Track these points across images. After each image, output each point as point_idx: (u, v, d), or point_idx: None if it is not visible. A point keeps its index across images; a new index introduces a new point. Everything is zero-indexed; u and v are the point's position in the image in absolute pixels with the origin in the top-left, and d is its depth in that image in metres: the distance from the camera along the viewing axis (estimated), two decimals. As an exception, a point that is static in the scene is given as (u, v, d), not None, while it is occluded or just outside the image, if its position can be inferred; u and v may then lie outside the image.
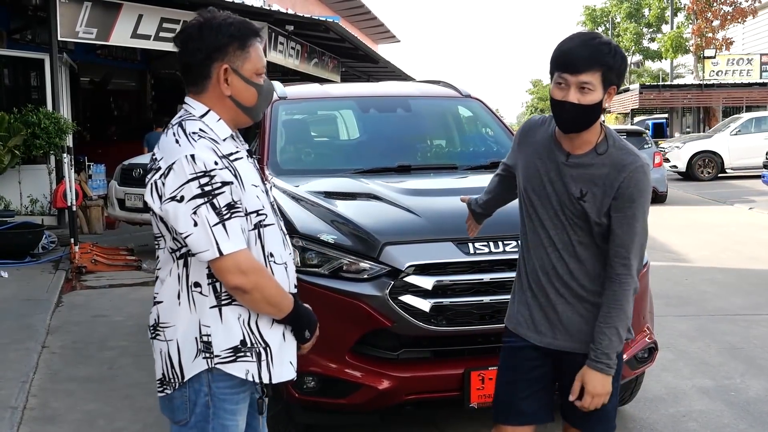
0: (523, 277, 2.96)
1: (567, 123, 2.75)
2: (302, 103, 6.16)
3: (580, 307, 2.85)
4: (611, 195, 2.73)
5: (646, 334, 4.39)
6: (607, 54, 2.66)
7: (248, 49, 2.47)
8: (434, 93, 6.43)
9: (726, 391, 5.41)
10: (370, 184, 4.80)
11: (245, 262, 2.37)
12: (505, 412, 3.01)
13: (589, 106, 2.68)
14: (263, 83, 2.54)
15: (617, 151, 2.78)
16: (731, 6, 33.39)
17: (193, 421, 2.49)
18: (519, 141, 3.03)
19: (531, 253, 2.91)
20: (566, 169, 2.80)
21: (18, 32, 16.15)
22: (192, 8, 14.13)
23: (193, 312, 2.44)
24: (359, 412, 4.10)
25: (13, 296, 8.40)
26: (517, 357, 2.97)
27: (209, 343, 2.43)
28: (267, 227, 2.51)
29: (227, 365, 2.44)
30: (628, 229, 2.74)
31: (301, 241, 4.06)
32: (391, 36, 44.03)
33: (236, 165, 2.44)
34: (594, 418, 2.90)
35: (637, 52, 49.93)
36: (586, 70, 2.65)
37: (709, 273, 9.52)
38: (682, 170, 24.12)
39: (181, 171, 2.32)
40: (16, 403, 5.16)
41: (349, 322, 3.92)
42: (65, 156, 10.60)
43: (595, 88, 2.66)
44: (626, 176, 2.72)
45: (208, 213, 2.31)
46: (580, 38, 2.73)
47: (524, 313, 2.95)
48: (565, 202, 2.80)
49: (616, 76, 2.70)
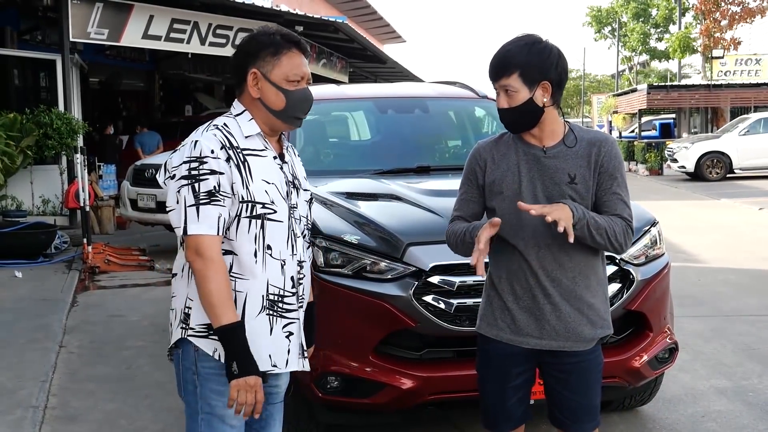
0: (503, 283, 2.99)
1: (510, 125, 2.94)
2: (320, 104, 6.12)
3: (567, 305, 2.91)
4: (597, 170, 2.90)
5: (667, 335, 4.40)
6: (518, 54, 2.82)
7: (280, 56, 2.65)
8: (451, 94, 6.45)
9: (744, 391, 5.41)
10: (391, 184, 4.82)
11: (204, 247, 2.53)
12: (496, 420, 3.09)
13: (520, 106, 2.85)
14: (293, 90, 2.67)
15: (585, 134, 2.97)
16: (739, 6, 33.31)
17: (186, 400, 2.70)
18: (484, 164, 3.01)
19: (512, 259, 2.94)
20: (547, 160, 2.91)
21: (28, 33, 16.20)
22: (203, 9, 14.19)
23: (187, 285, 2.64)
24: (382, 412, 4.12)
25: (28, 296, 8.44)
26: (504, 364, 3.02)
27: (188, 315, 2.63)
28: (273, 222, 2.65)
29: (198, 339, 2.61)
30: (620, 191, 2.92)
31: (325, 241, 4.07)
32: (397, 36, 44.06)
33: (249, 159, 2.62)
34: (581, 414, 3.01)
35: (644, 52, 49.82)
36: (501, 75, 2.85)
37: (723, 273, 9.52)
38: (691, 171, 24.07)
39: (182, 153, 2.60)
40: (37, 403, 5.19)
41: (372, 322, 3.93)
42: (77, 156, 10.64)
43: (517, 89, 2.83)
44: (605, 151, 2.91)
45: (187, 194, 2.53)
46: (502, 47, 2.90)
47: (506, 319, 2.98)
48: (553, 194, 2.87)
49: (539, 72, 2.83)
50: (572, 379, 2.98)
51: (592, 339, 2.97)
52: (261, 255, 2.63)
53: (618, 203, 2.91)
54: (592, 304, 2.95)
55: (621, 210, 2.90)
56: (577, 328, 2.92)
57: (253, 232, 2.62)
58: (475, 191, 3.06)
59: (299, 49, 2.68)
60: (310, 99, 2.74)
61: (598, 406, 3.05)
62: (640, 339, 4.26)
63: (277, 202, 2.66)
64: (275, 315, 2.67)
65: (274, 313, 2.67)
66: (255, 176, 2.62)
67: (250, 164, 2.62)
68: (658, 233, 4.47)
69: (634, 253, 4.22)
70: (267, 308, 2.65)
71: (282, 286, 2.68)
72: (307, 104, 2.73)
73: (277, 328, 2.68)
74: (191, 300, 2.62)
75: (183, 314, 2.64)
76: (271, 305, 2.66)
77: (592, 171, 2.90)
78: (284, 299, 2.69)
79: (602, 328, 2.99)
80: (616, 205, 2.90)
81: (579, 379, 2.98)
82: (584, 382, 3.00)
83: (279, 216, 2.66)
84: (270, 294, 2.66)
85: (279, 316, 2.68)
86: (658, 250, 4.43)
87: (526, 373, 3.04)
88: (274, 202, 2.65)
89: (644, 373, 4.28)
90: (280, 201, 2.67)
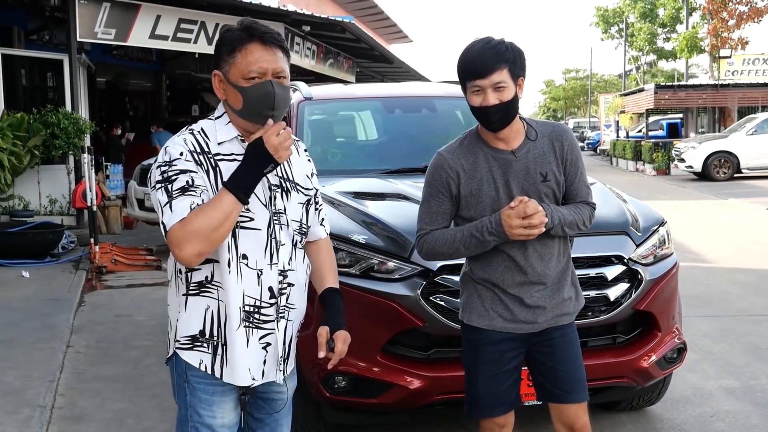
0: (491, 279, 3.10)
1: (496, 123, 3.00)
2: (327, 104, 6.18)
3: (553, 289, 3.11)
4: (563, 164, 3.09)
5: (675, 335, 4.39)
6: (506, 51, 2.95)
7: (235, 54, 2.52)
8: (458, 93, 6.32)
9: (752, 391, 5.39)
10: (399, 184, 4.81)
11: (179, 225, 2.41)
12: (490, 405, 3.18)
13: (509, 101, 2.95)
14: (248, 87, 2.51)
15: (543, 127, 3.14)
16: (747, 5, 33.20)
17: (178, 402, 2.70)
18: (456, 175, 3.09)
19: (498, 257, 3.07)
20: (519, 163, 3.05)
21: (35, 33, 16.23)
22: (210, 9, 14.20)
23: (176, 296, 2.63)
24: (390, 411, 4.12)
25: (35, 296, 8.45)
26: (497, 350, 3.14)
27: (176, 328, 2.63)
28: (248, 230, 2.55)
29: (184, 352, 2.60)
30: (583, 177, 3.16)
31: (332, 241, 4.05)
32: (404, 36, 44.01)
33: (222, 165, 2.53)
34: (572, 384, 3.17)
35: (651, 52, 49.67)
36: (495, 70, 2.93)
37: (730, 273, 9.49)
38: (698, 171, 24.02)
39: (156, 161, 2.56)
40: (44, 403, 5.20)
41: (380, 322, 3.93)
42: (85, 156, 10.65)
43: (507, 84, 2.94)
44: (567, 144, 3.10)
45: (161, 195, 2.48)
46: (479, 45, 2.99)
47: (497, 309, 3.11)
48: (531, 192, 3.02)
49: (520, 68, 3.00)
50: (558, 351, 3.16)
51: (575, 312, 3.22)
52: (235, 265, 2.53)
53: (582, 189, 3.15)
54: (571, 281, 3.19)
55: (585, 195, 3.15)
56: (563, 306, 3.14)
57: (227, 241, 2.51)
58: (448, 204, 3.13)
59: (262, 41, 2.52)
60: (271, 93, 2.49)
61: (584, 379, 3.22)
62: (649, 339, 4.25)
63: (254, 209, 2.54)
64: (251, 326, 2.58)
65: (250, 324, 2.58)
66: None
67: (222, 169, 2.52)
68: (666, 233, 4.46)
69: (642, 252, 4.21)
70: (243, 320, 2.57)
71: (258, 297, 2.58)
72: (268, 99, 2.49)
73: (254, 339, 2.59)
74: (178, 312, 2.61)
75: (173, 327, 2.65)
76: (247, 316, 2.57)
77: (559, 165, 3.09)
78: (261, 310, 2.59)
79: (579, 300, 3.23)
80: (582, 191, 3.15)
81: (565, 350, 3.17)
82: (571, 352, 3.19)
83: (256, 224, 2.55)
84: (246, 305, 2.56)
85: (255, 327, 2.59)
86: (667, 249, 4.42)
87: (518, 357, 3.18)
88: (250, 209, 2.53)
89: (653, 373, 4.27)
90: (258, 208, 2.56)
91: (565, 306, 3.15)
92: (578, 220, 3.07)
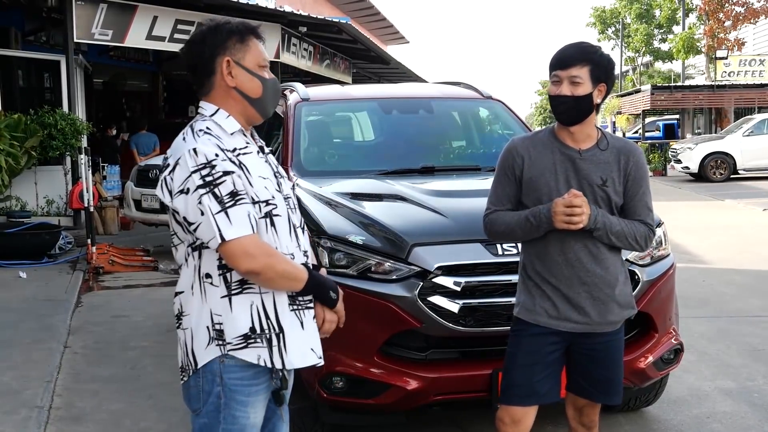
0: (542, 274, 3.22)
1: (564, 114, 3.14)
2: (325, 105, 6.18)
3: (600, 292, 3.18)
4: (624, 177, 3.18)
5: (672, 336, 4.40)
6: (593, 53, 3.11)
7: (248, 42, 2.61)
8: (456, 94, 6.44)
9: (749, 392, 5.40)
10: (396, 185, 4.82)
11: (251, 246, 2.46)
12: (520, 394, 3.26)
13: (580, 97, 3.08)
14: (268, 77, 2.64)
15: (615, 141, 3.25)
16: (743, 7, 33.26)
17: (205, 411, 2.59)
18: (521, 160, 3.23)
19: (550, 253, 3.19)
20: (582, 162, 3.16)
21: (32, 34, 16.21)
22: (207, 10, 14.19)
23: (203, 302, 2.55)
24: (387, 412, 4.12)
25: (32, 296, 8.45)
26: (537, 342, 3.24)
27: (221, 332, 2.53)
28: (278, 218, 2.60)
29: (239, 351, 2.54)
30: (645, 198, 3.23)
31: (330, 242, 4.08)
32: (401, 37, 43.98)
33: (243, 159, 2.55)
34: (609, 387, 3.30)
35: (647, 53, 49.73)
36: (574, 65, 3.08)
37: (727, 274, 9.50)
38: (694, 172, 24.02)
39: (185, 165, 2.46)
40: (42, 403, 5.20)
41: (377, 322, 3.94)
42: (82, 157, 10.64)
43: (583, 81, 3.08)
44: (633, 161, 3.18)
45: (210, 202, 2.43)
46: (574, 44, 3.18)
47: (545, 305, 3.21)
48: (587, 193, 3.10)
49: (604, 74, 3.12)
50: (600, 356, 3.26)
51: (620, 320, 3.27)
52: None
53: (642, 209, 3.21)
54: (620, 289, 3.24)
55: (644, 216, 3.21)
56: (608, 312, 3.21)
57: (271, 233, 2.56)
58: (513, 186, 3.25)
59: (258, 37, 2.65)
60: (279, 90, 2.71)
61: (621, 384, 3.34)
62: (646, 340, 4.26)
63: (275, 197, 2.60)
64: (300, 309, 2.62)
65: (297, 307, 2.61)
66: (253, 174, 2.54)
67: (246, 163, 2.54)
68: (663, 234, 4.47)
69: (639, 253, 4.22)
70: (290, 304, 2.59)
71: None
72: (279, 93, 2.68)
73: (308, 320, 2.63)
74: (218, 315, 2.53)
75: (214, 332, 2.53)
76: (292, 300, 2.60)
77: (621, 177, 3.18)
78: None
79: (628, 310, 3.29)
80: (641, 210, 3.21)
81: (607, 356, 3.27)
82: (611, 358, 3.29)
83: (279, 210, 2.60)
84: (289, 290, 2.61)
85: (305, 309, 2.63)
86: (663, 250, 4.43)
87: (557, 352, 3.26)
88: (274, 197, 2.59)
89: (649, 374, 4.28)
90: (277, 195, 2.61)
91: (611, 312, 3.21)
92: (628, 234, 3.14)
